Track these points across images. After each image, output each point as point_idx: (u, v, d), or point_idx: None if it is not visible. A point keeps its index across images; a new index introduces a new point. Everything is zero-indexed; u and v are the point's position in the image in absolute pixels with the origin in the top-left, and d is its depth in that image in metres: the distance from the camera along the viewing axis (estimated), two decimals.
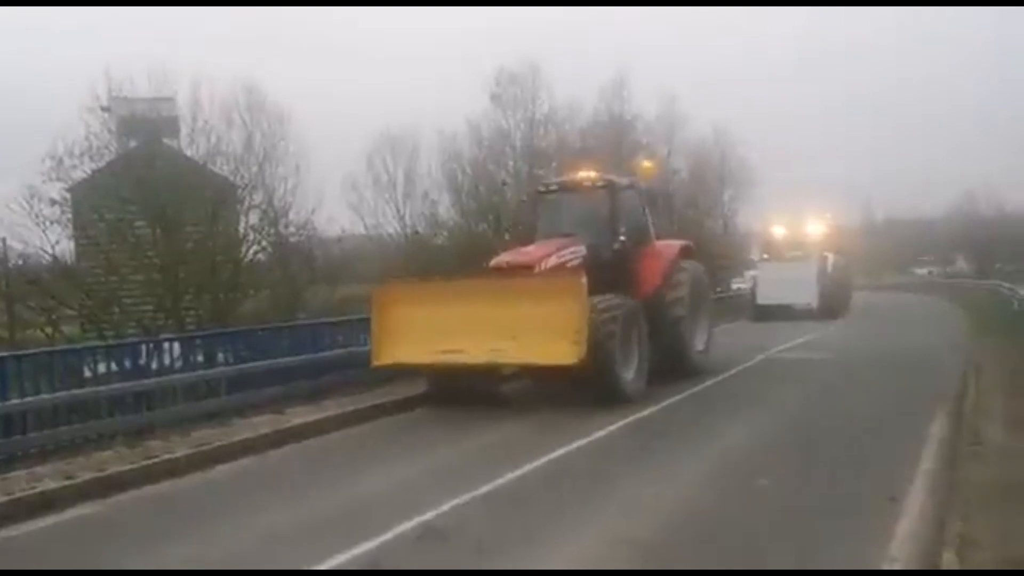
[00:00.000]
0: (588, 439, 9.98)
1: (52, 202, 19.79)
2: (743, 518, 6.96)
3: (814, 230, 31.89)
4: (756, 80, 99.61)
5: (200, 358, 12.46)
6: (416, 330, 12.11)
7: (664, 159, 41.99)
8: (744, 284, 35.18)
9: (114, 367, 11.27)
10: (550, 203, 15.19)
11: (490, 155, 34.94)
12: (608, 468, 8.75)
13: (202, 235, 20.83)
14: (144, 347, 12.06)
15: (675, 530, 6.74)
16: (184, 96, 22.81)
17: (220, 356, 12.71)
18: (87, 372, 10.86)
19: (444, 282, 14.22)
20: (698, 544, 6.38)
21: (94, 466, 8.96)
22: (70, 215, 20.40)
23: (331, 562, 6.15)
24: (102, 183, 20.64)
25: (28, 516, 7.68)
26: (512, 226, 17.36)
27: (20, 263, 20.72)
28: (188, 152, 22.68)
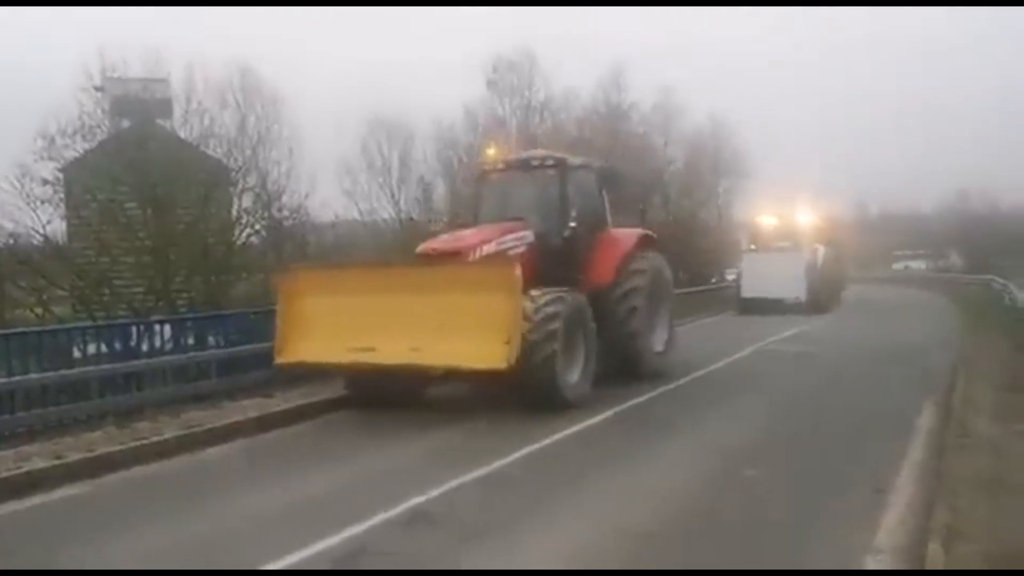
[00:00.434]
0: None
1: (44, 181, 19.77)
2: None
3: (804, 221, 30.36)
4: (754, 73, 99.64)
5: (191, 340, 12.43)
6: (326, 324, 10.84)
7: (662, 148, 42.06)
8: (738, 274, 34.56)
9: (104, 348, 11.24)
10: (495, 184, 13.64)
11: (485, 142, 34.84)
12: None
13: (194, 217, 20.77)
14: (135, 328, 12.04)
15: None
16: (178, 77, 22.78)
17: (211, 339, 12.69)
18: (76, 353, 10.84)
19: (359, 269, 12.68)
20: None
21: (83, 446, 8.94)
22: (62, 195, 20.34)
23: (320, 545, 6.15)
24: (94, 163, 20.56)
25: (14, 496, 7.67)
26: (452, 209, 15.16)
27: (11, 242, 20.63)
28: (181, 133, 22.63)
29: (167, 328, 12.35)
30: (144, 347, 11.63)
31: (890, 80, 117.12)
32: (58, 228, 21.04)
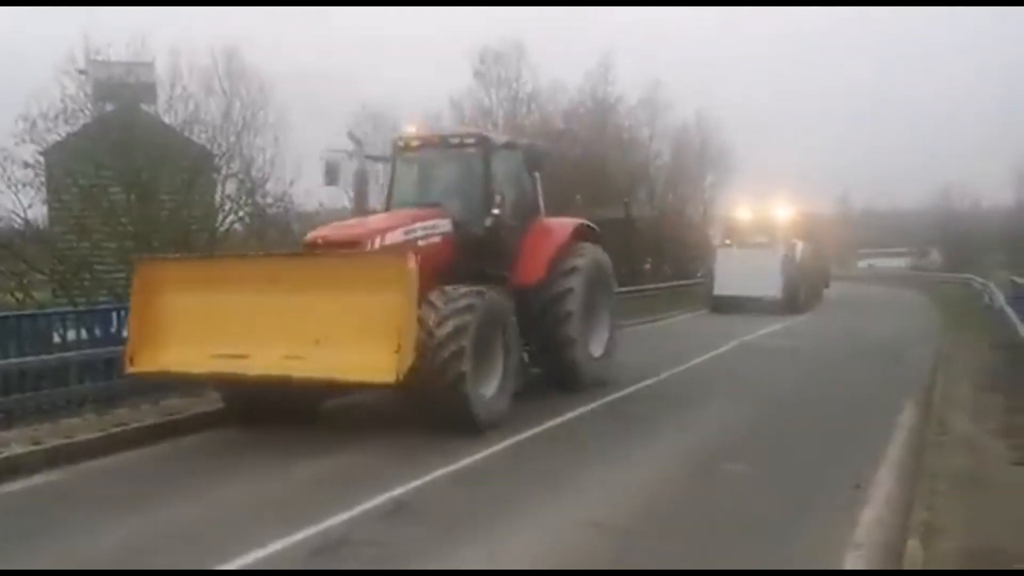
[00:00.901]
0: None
1: (25, 164, 19.49)
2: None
3: (782, 215, 28.98)
4: (740, 68, 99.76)
5: None
6: (190, 326, 9.14)
7: (648, 142, 42.13)
8: None
9: (84, 334, 11.13)
10: (412, 164, 11.92)
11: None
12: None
13: (177, 203, 20.60)
14: (115, 314, 11.90)
15: None
16: (163, 62, 22.58)
17: None
18: (56, 338, 10.73)
19: (231, 261, 11.09)
20: None
21: (62, 432, 8.88)
22: (43, 179, 20.10)
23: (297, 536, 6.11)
24: (77, 147, 20.33)
25: None
26: (357, 193, 13.11)
27: None
28: (166, 119, 22.41)
29: None
30: (124, 333, 11.51)
31: (871, 72, 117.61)
32: (39, 212, 20.84)
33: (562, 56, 64.43)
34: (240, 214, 22.62)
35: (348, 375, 8.48)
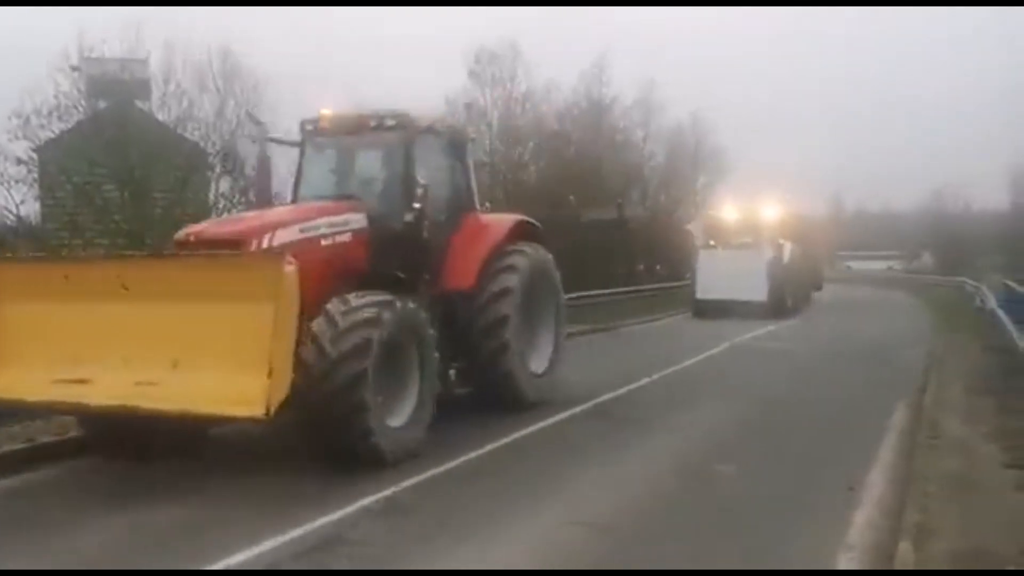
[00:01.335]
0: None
1: (18, 161, 19.47)
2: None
3: (769, 215, 27.62)
4: (736, 70, 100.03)
5: None
6: (25, 341, 7.68)
7: (642, 143, 42.19)
8: None
9: None
10: (323, 149, 10.30)
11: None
12: None
13: (170, 201, 20.57)
14: None
15: None
16: (157, 59, 22.52)
17: None
18: None
19: (77, 263, 9.34)
20: None
21: (53, 430, 8.79)
22: (36, 175, 20.06)
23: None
24: (70, 144, 20.30)
25: None
26: (258, 184, 11.13)
27: None
28: (159, 116, 22.38)
29: None
30: None
31: (871, 74, 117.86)
32: (32, 209, 20.82)
33: (562, 56, 64.49)
34: (233, 212, 22.57)
35: (207, 407, 6.87)
